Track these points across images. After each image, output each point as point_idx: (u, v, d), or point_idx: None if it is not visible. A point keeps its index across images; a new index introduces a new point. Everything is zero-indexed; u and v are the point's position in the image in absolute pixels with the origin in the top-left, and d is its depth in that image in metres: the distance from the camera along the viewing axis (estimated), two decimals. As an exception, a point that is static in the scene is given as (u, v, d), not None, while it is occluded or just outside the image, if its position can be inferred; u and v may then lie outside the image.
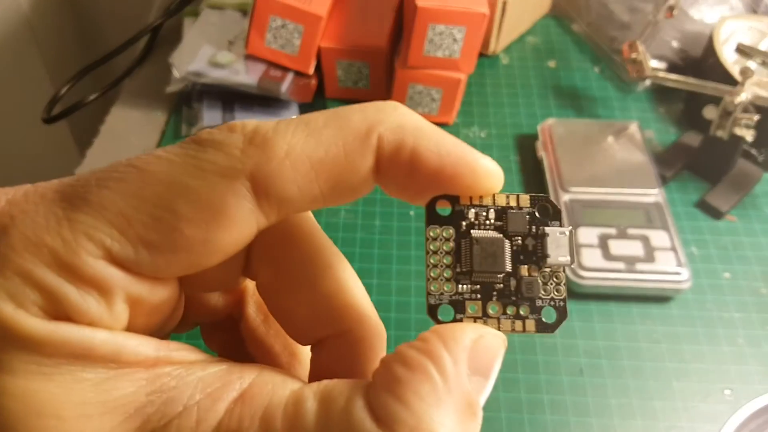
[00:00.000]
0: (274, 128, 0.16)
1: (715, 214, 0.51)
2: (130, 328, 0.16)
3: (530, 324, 0.18)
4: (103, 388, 0.15)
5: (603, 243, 0.47)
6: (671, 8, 0.59)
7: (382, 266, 0.48)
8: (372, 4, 0.59)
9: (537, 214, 0.18)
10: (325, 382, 0.16)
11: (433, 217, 0.18)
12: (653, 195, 0.50)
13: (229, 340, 0.23)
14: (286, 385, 0.17)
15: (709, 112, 0.51)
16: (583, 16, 0.67)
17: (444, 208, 0.18)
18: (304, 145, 0.16)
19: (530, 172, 0.54)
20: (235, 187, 0.16)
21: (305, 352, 0.23)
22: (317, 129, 0.17)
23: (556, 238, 0.18)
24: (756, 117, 0.49)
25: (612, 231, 0.47)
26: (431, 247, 0.18)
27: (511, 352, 0.43)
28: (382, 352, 0.20)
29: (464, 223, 0.18)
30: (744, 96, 0.48)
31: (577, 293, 0.46)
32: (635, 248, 0.46)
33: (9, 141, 0.76)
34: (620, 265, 0.46)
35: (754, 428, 0.37)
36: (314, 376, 0.20)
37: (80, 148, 0.75)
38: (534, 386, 0.42)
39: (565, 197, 0.50)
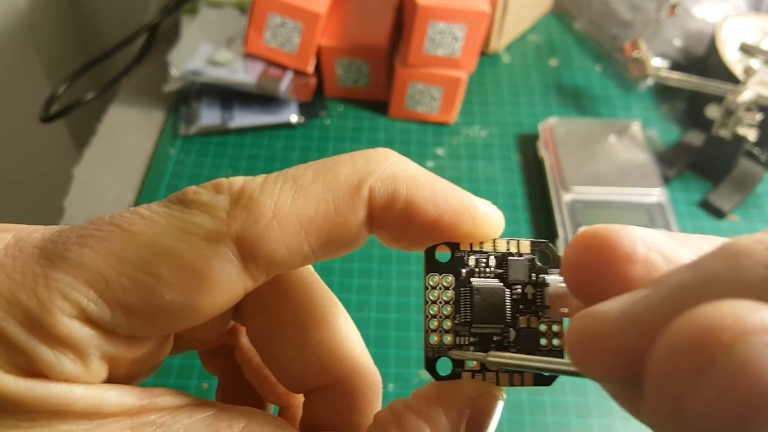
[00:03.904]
0: (261, 187, 0.16)
1: (718, 213, 0.51)
2: (111, 379, 0.16)
3: (528, 378, 0.17)
4: None
5: (605, 243, 0.47)
6: (674, 6, 0.59)
7: (382, 267, 0.47)
8: (372, 2, 0.59)
9: (537, 260, 0.17)
10: None
11: (432, 265, 0.17)
12: (655, 195, 0.50)
13: (227, 365, 0.23)
14: None
15: (712, 111, 0.50)
16: (584, 14, 0.67)
17: (443, 253, 0.17)
18: (292, 203, 0.16)
19: (531, 171, 0.54)
20: (220, 251, 0.15)
21: None
22: (305, 185, 0.16)
23: (557, 288, 0.17)
24: (759, 116, 0.48)
25: (614, 231, 0.47)
26: (430, 297, 0.17)
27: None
28: (377, 402, 0.19)
29: (464, 271, 0.17)
30: (747, 95, 0.48)
31: (578, 294, 0.45)
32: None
33: (6, 140, 0.76)
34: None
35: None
36: (306, 422, 0.20)
37: (78, 148, 0.75)
38: (536, 387, 0.41)
39: (567, 197, 0.50)
